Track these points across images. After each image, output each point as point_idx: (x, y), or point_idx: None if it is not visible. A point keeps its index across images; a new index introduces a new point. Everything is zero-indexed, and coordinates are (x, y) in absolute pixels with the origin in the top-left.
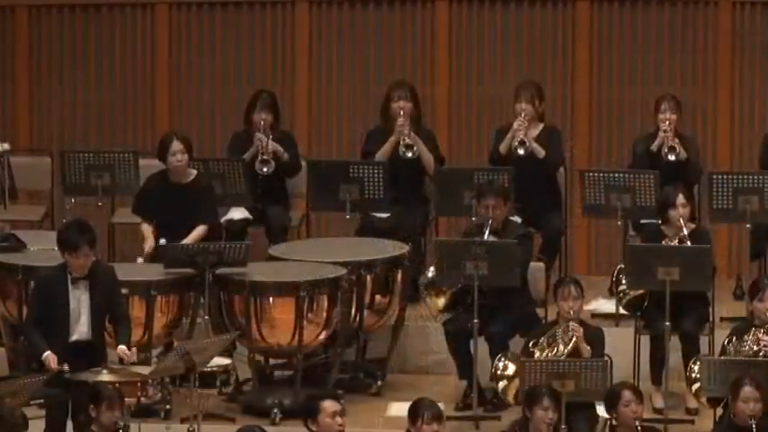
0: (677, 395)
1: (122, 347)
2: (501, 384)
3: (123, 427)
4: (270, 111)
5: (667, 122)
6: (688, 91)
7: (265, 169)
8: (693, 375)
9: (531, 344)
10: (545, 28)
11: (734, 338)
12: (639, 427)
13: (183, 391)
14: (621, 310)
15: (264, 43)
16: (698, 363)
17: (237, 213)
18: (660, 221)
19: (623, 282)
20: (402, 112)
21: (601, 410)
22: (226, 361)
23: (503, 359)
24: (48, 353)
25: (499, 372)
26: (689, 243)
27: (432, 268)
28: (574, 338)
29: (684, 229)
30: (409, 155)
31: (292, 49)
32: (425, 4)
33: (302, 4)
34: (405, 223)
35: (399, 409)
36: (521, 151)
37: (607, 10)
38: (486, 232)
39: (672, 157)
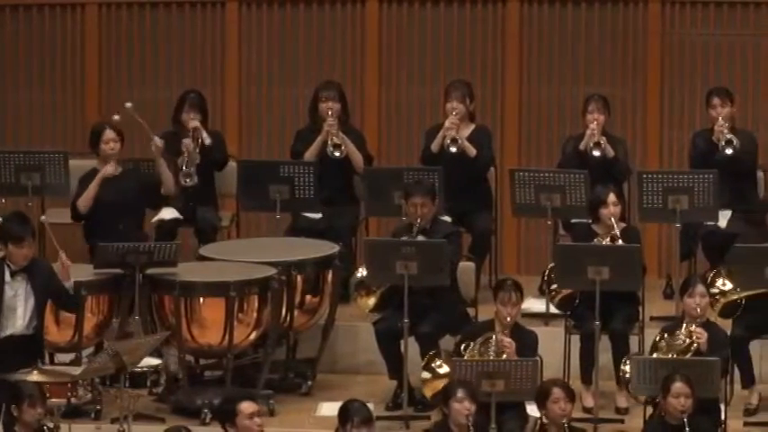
0: (607, 394)
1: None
2: (424, 374)
3: (53, 427)
4: (198, 111)
5: (595, 123)
6: (617, 90)
7: (188, 181)
8: (625, 375)
9: (462, 346)
10: (474, 27)
11: (665, 335)
12: (567, 426)
13: (113, 391)
14: (552, 310)
15: (194, 43)
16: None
17: (168, 213)
18: (591, 220)
19: (554, 281)
20: (330, 113)
21: (531, 410)
22: (156, 361)
23: (437, 359)
24: None
25: (433, 364)
26: (620, 242)
27: (362, 268)
28: (505, 354)
29: (615, 227)
30: (337, 154)
31: (222, 49)
32: (355, 5)
33: (232, 5)
34: (335, 223)
35: (329, 408)
36: (453, 149)
37: (537, 9)
38: (416, 231)
39: (596, 153)
